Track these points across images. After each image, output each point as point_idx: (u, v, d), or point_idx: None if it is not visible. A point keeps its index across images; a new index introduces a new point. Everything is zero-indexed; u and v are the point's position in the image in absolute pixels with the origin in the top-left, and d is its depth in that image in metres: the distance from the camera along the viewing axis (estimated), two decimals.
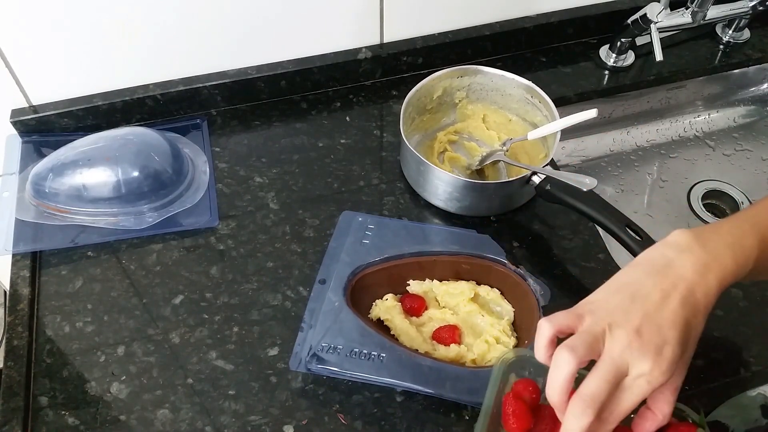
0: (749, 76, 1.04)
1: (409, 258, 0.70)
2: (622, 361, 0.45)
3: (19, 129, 0.84)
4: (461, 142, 0.89)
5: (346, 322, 0.64)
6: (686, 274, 0.47)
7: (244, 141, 0.87)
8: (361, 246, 0.71)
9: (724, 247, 0.48)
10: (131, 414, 0.64)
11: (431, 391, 0.61)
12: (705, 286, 0.47)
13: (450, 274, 0.71)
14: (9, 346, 0.68)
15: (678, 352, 0.45)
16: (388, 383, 0.62)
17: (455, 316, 0.68)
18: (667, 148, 1.03)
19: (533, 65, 0.97)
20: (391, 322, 0.67)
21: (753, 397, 0.57)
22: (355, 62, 0.91)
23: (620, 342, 0.45)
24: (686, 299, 0.47)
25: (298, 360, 0.63)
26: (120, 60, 0.83)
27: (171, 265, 0.75)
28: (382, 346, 0.63)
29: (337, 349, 0.63)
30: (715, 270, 0.47)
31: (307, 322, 0.65)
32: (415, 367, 0.62)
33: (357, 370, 0.62)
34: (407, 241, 0.71)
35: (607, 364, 0.45)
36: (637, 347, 0.44)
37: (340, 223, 0.74)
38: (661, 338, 0.45)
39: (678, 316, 0.46)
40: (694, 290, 0.47)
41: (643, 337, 0.45)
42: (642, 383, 0.45)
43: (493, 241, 0.71)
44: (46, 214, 0.77)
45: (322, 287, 0.68)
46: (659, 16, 0.84)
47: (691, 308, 0.47)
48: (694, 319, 0.47)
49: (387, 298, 0.69)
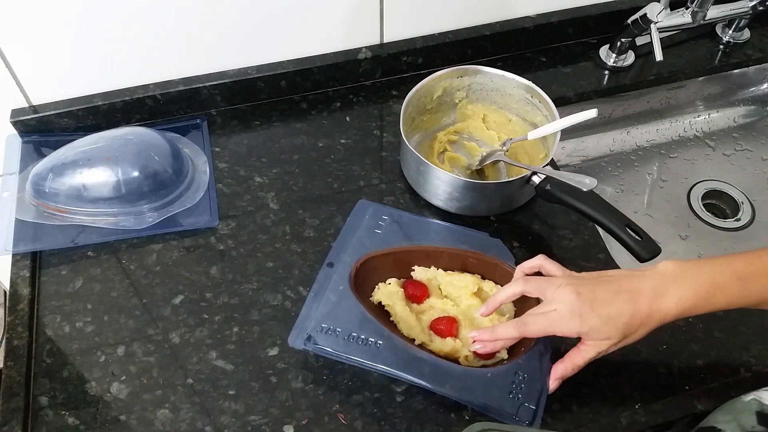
0: (749, 76, 1.04)
1: (416, 246, 0.71)
2: (551, 296, 0.58)
3: (19, 129, 0.84)
4: (461, 142, 0.89)
5: (348, 307, 0.65)
6: (646, 288, 0.56)
7: (244, 141, 0.87)
8: (374, 234, 0.72)
9: (692, 280, 0.56)
10: (131, 414, 0.64)
11: (422, 383, 0.61)
12: (656, 305, 0.56)
13: (456, 265, 0.71)
14: (9, 346, 0.68)
15: (595, 326, 0.55)
16: (380, 370, 0.62)
17: (456, 307, 0.68)
18: (667, 148, 1.03)
19: (533, 65, 0.97)
20: (391, 308, 0.68)
21: (747, 402, 0.57)
22: (355, 62, 0.91)
23: (561, 289, 0.57)
24: (634, 303, 0.56)
25: (296, 336, 0.64)
26: (120, 60, 0.83)
27: (171, 265, 0.75)
28: (380, 333, 0.64)
29: (336, 331, 0.64)
30: (671, 296, 0.56)
31: (309, 302, 0.67)
32: (409, 358, 0.62)
33: (352, 354, 0.63)
34: (419, 235, 0.72)
35: (537, 290, 0.59)
36: (568, 294, 0.56)
37: (355, 210, 0.75)
38: (591, 307, 0.55)
39: (617, 308, 0.56)
40: (644, 301, 0.56)
41: (579, 296, 0.56)
42: (550, 316, 0.57)
43: (503, 245, 0.72)
44: (46, 214, 0.77)
45: (329, 270, 0.69)
46: (659, 16, 0.84)
47: (633, 312, 0.56)
48: (630, 320, 0.56)
49: (390, 282, 0.69)
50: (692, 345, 0.68)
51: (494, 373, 0.61)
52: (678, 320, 0.69)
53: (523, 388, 0.60)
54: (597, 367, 0.66)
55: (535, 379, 0.61)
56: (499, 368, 0.62)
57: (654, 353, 0.67)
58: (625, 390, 0.65)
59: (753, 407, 0.56)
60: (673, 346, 0.68)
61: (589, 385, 0.65)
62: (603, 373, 0.66)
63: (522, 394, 0.60)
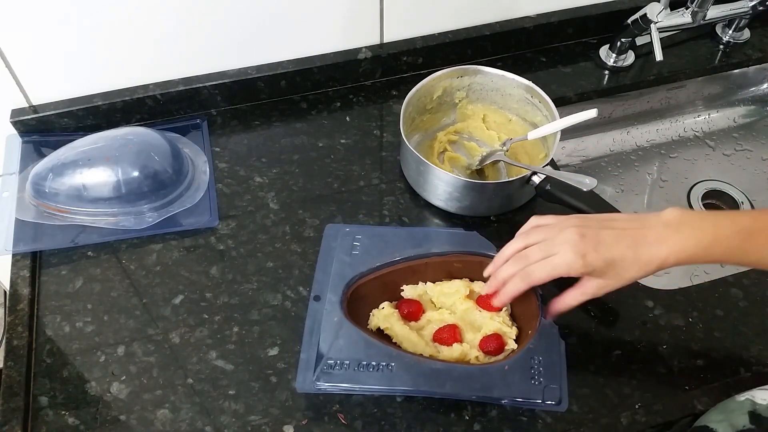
0: (749, 76, 1.04)
1: (400, 264, 0.69)
2: (556, 238, 0.59)
3: (19, 129, 0.84)
4: (461, 142, 0.89)
5: (348, 337, 0.63)
6: (649, 234, 0.57)
7: (244, 141, 0.87)
8: (351, 257, 0.70)
9: (695, 230, 0.57)
10: (131, 414, 0.64)
11: (447, 394, 0.61)
12: (657, 251, 0.57)
13: (443, 274, 0.70)
14: (9, 346, 0.68)
15: (598, 267, 0.57)
16: (400, 392, 0.62)
17: (453, 315, 0.68)
18: (667, 148, 1.03)
19: (533, 65, 0.97)
20: (391, 330, 0.67)
21: (741, 402, 0.57)
22: (355, 62, 0.91)
23: (566, 231, 0.58)
24: (636, 248, 0.57)
25: (304, 380, 0.61)
26: (120, 60, 0.83)
27: (171, 265, 0.75)
28: (389, 355, 0.62)
29: (343, 364, 0.61)
30: (673, 244, 0.56)
31: (307, 341, 0.64)
32: (425, 373, 0.61)
33: (368, 383, 0.61)
34: (397, 246, 0.70)
35: (541, 235, 0.60)
36: (572, 235, 0.58)
37: (325, 237, 0.72)
38: (594, 248, 0.57)
39: (619, 251, 0.57)
40: (645, 247, 0.57)
41: (583, 238, 0.57)
42: (553, 260, 0.58)
43: (480, 236, 0.71)
44: (46, 214, 0.77)
45: (317, 304, 0.66)
46: (659, 16, 0.84)
47: (634, 257, 0.57)
48: (631, 265, 0.57)
49: (383, 307, 0.68)
50: (692, 345, 0.68)
51: (511, 364, 0.61)
52: (678, 320, 0.69)
53: (542, 371, 0.60)
54: (597, 367, 0.66)
55: (551, 358, 0.61)
56: (514, 358, 0.62)
57: (654, 353, 0.67)
58: (625, 390, 0.65)
59: (746, 407, 0.56)
60: (673, 346, 0.68)
61: (589, 385, 0.65)
62: (603, 372, 0.66)
63: (543, 377, 0.60)
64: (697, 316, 0.70)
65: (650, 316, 0.70)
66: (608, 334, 0.69)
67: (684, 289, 0.73)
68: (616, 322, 0.70)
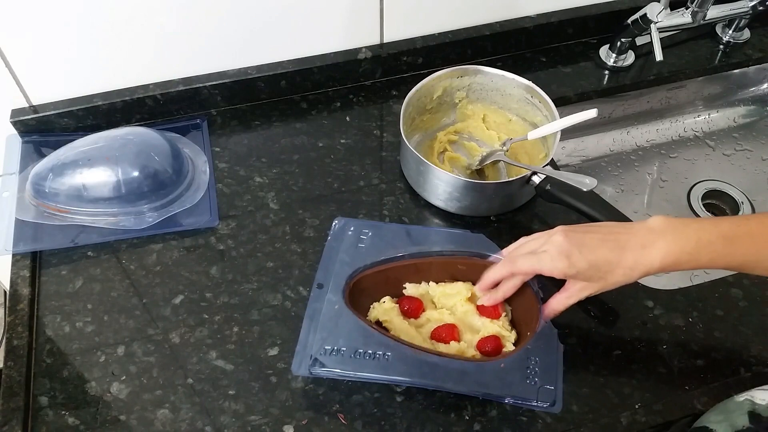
0: (749, 76, 1.04)
1: (405, 261, 0.70)
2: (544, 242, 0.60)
3: (19, 129, 0.84)
4: (461, 142, 0.89)
5: (347, 324, 0.64)
6: (634, 240, 0.58)
7: (244, 141, 0.87)
8: (357, 250, 0.70)
9: (679, 235, 0.58)
10: (131, 414, 0.64)
11: (442, 387, 0.61)
12: (642, 257, 0.58)
13: (446, 275, 0.71)
14: (9, 346, 0.68)
15: (581, 269, 0.58)
16: (395, 381, 0.62)
17: (453, 315, 0.68)
18: (667, 148, 1.03)
19: (533, 65, 0.97)
20: (390, 323, 0.67)
21: (740, 402, 0.57)
22: (355, 62, 0.91)
23: (554, 236, 0.60)
24: (620, 252, 0.58)
25: (299, 364, 0.62)
26: (120, 60, 0.83)
27: (171, 265, 0.75)
28: (386, 345, 0.62)
29: (340, 351, 0.62)
30: (657, 250, 0.57)
31: (306, 326, 0.65)
32: (421, 364, 0.61)
33: (362, 370, 0.61)
34: (403, 243, 0.71)
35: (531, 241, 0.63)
36: (558, 237, 0.59)
37: (335, 228, 0.73)
38: (579, 250, 0.58)
39: (603, 255, 0.58)
40: (629, 252, 0.58)
41: (569, 240, 0.59)
42: (540, 256, 0.59)
43: (487, 239, 0.71)
44: (46, 214, 0.77)
45: (320, 291, 0.67)
46: (659, 16, 0.84)
47: (618, 260, 0.58)
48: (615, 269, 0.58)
49: (384, 301, 0.69)
50: (692, 345, 0.68)
51: (507, 362, 0.61)
52: (678, 320, 0.69)
53: (539, 371, 0.60)
54: (597, 367, 0.66)
55: (549, 360, 0.61)
56: (511, 356, 0.62)
57: (654, 353, 0.67)
58: (625, 390, 0.65)
59: (745, 407, 0.56)
60: (673, 346, 0.68)
61: (589, 385, 0.65)
62: (603, 373, 0.66)
63: (538, 377, 0.60)
64: (697, 316, 0.70)
65: (650, 316, 0.70)
66: (608, 333, 0.69)
67: (684, 289, 0.73)
68: (616, 322, 0.70)
